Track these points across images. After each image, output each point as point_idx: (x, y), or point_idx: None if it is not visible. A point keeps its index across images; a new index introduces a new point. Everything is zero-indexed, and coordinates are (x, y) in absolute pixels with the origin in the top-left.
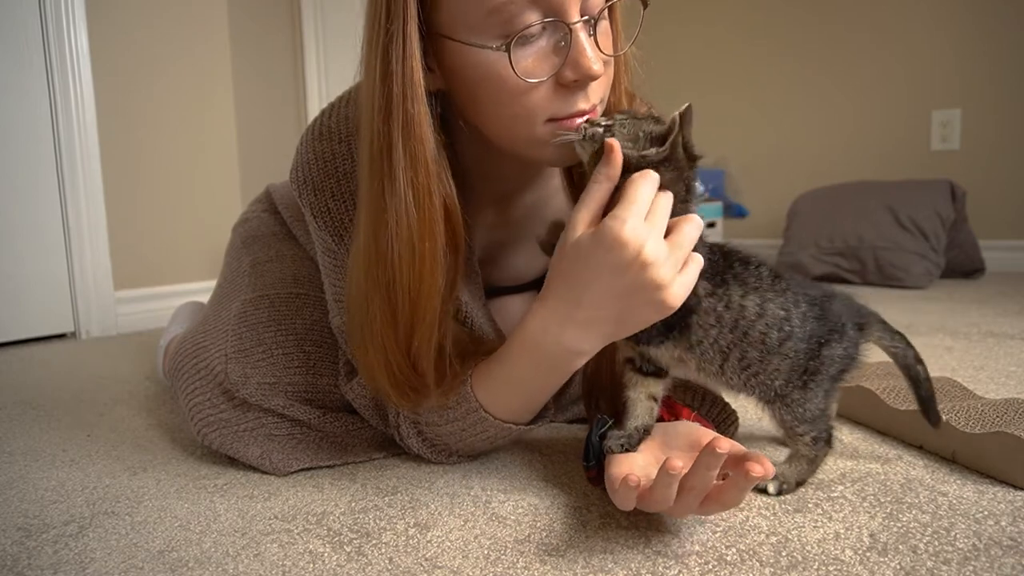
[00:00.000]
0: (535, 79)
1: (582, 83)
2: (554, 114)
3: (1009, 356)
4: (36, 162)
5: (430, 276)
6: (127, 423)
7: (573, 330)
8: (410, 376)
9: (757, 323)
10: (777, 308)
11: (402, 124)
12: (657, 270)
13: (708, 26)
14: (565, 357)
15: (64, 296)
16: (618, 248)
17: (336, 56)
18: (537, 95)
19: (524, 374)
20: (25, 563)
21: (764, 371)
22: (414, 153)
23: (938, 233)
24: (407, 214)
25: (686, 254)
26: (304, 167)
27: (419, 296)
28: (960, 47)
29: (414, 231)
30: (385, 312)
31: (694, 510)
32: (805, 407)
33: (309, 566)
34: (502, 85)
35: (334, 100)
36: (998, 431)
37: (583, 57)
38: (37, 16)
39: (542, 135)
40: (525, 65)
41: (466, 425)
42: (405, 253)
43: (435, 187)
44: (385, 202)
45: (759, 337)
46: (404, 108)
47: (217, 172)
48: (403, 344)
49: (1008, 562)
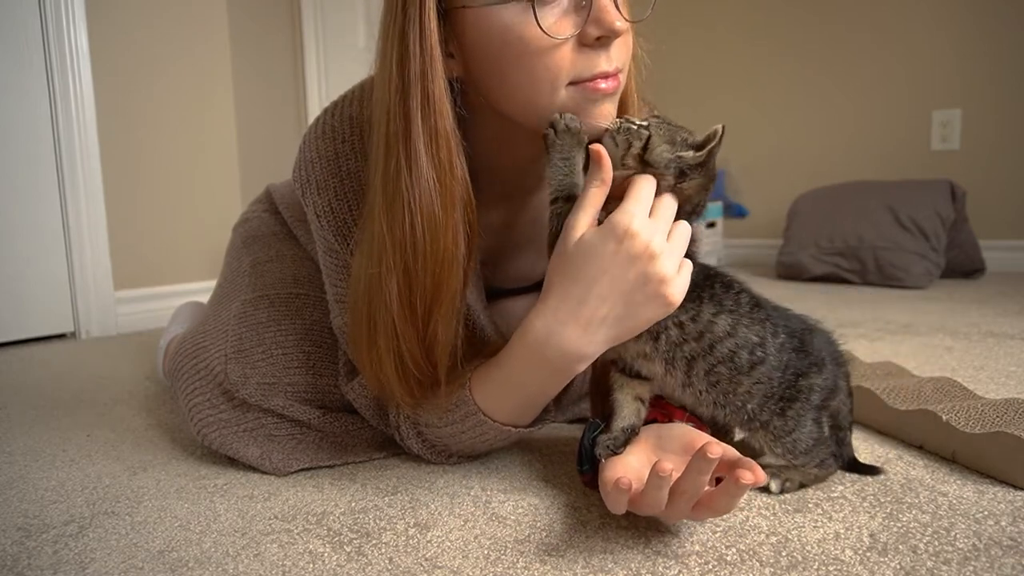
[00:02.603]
0: (559, 36)
1: (605, 41)
2: (577, 75)
3: (1009, 356)
4: (36, 162)
5: (453, 246)
6: (127, 423)
7: (577, 332)
8: (422, 366)
9: (726, 341)
10: (751, 333)
11: (421, 102)
12: (664, 262)
13: (708, 26)
14: (567, 361)
15: (64, 296)
16: (628, 239)
17: (336, 56)
18: (559, 54)
19: (524, 378)
20: (25, 563)
21: (734, 391)
22: (435, 128)
23: (938, 233)
24: (430, 189)
25: (683, 246)
26: (308, 166)
27: (441, 271)
28: (960, 47)
29: (436, 204)
30: (403, 296)
31: (686, 515)
32: (792, 437)
33: (309, 566)
34: (525, 47)
35: (337, 99)
36: (998, 431)
37: (605, 12)
38: (37, 16)
39: (564, 101)
40: (549, 22)
41: (465, 427)
42: (427, 228)
43: (456, 161)
44: (402, 183)
45: (727, 355)
46: (423, 86)
47: (217, 172)
48: (420, 330)
49: (1008, 562)
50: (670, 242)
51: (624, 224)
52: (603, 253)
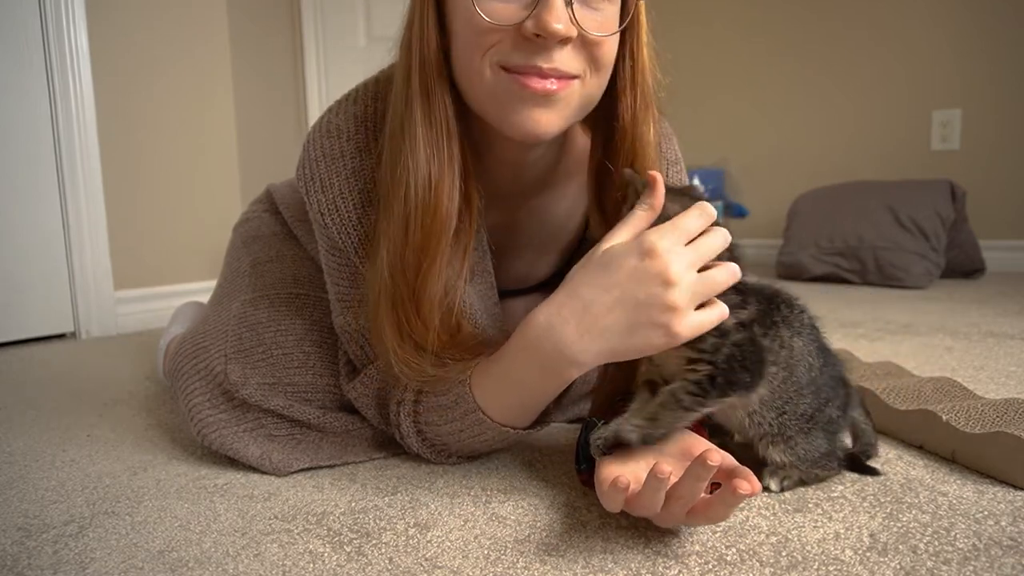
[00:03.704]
0: (496, 20)
1: (543, 41)
2: (504, 59)
3: (1009, 356)
4: (36, 162)
5: (448, 200)
6: (127, 423)
7: (576, 333)
8: (414, 322)
9: (802, 363)
10: (808, 355)
11: (418, 60)
12: (678, 292)
13: (708, 26)
14: (560, 361)
15: (64, 296)
16: (648, 258)
17: (336, 56)
18: (495, 38)
19: (521, 374)
20: (25, 563)
21: (792, 411)
22: (430, 89)
23: (938, 233)
24: (424, 144)
25: (709, 290)
26: (311, 164)
27: (433, 222)
28: (960, 47)
29: (432, 161)
30: (398, 249)
31: (680, 520)
32: (807, 448)
33: (309, 566)
34: (467, 28)
35: (340, 98)
36: (998, 431)
37: (546, 11)
38: (37, 16)
39: (492, 85)
40: (494, 6)
41: (464, 426)
42: (422, 181)
43: (452, 127)
44: (403, 138)
45: (800, 377)
46: (421, 44)
47: (217, 172)
48: (411, 277)
49: (1008, 562)
50: (696, 277)
51: (650, 242)
52: (622, 265)
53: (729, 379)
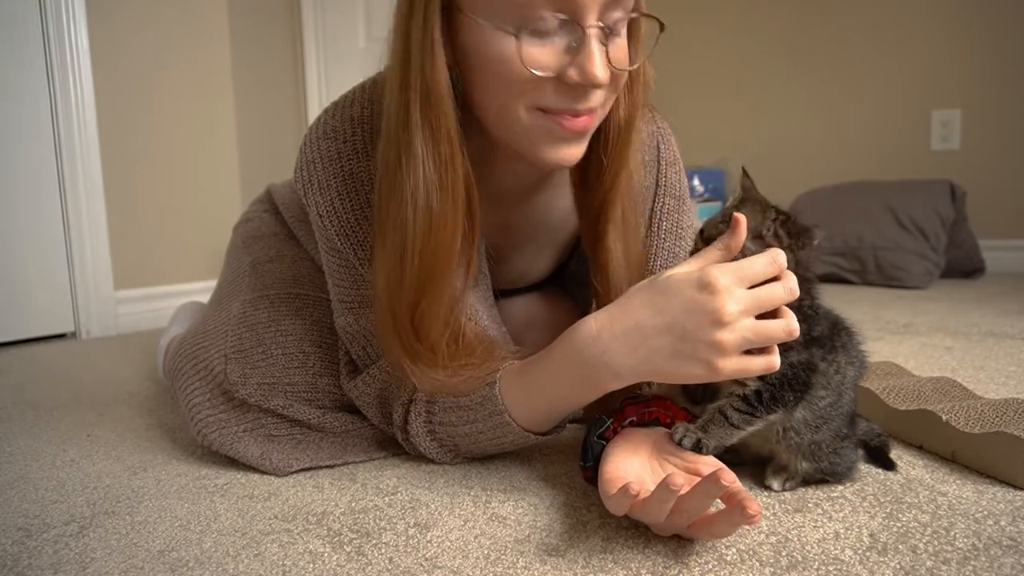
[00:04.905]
0: (538, 71)
1: (584, 89)
2: (547, 105)
3: (1009, 356)
4: (36, 162)
5: (450, 240)
6: (127, 423)
7: (624, 347)
8: (418, 347)
9: (849, 391)
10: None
11: (421, 94)
12: (725, 332)
13: (708, 26)
14: (604, 372)
15: (64, 296)
16: (705, 292)
17: (336, 57)
18: (534, 85)
19: (556, 380)
20: (25, 563)
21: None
22: (435, 124)
23: (938, 233)
24: (428, 182)
25: (761, 340)
26: (309, 166)
27: (435, 262)
28: (960, 47)
29: (435, 198)
30: (393, 284)
31: (680, 531)
32: (834, 461)
33: (309, 566)
34: (505, 68)
35: (337, 99)
36: (998, 431)
37: (589, 62)
38: (37, 16)
39: (529, 126)
40: (533, 54)
41: (485, 428)
42: (423, 221)
43: (458, 157)
44: (402, 172)
45: (847, 403)
46: (423, 77)
47: (217, 173)
48: (411, 312)
49: (1008, 562)
50: (751, 323)
51: (711, 277)
52: (679, 293)
53: (775, 396)
